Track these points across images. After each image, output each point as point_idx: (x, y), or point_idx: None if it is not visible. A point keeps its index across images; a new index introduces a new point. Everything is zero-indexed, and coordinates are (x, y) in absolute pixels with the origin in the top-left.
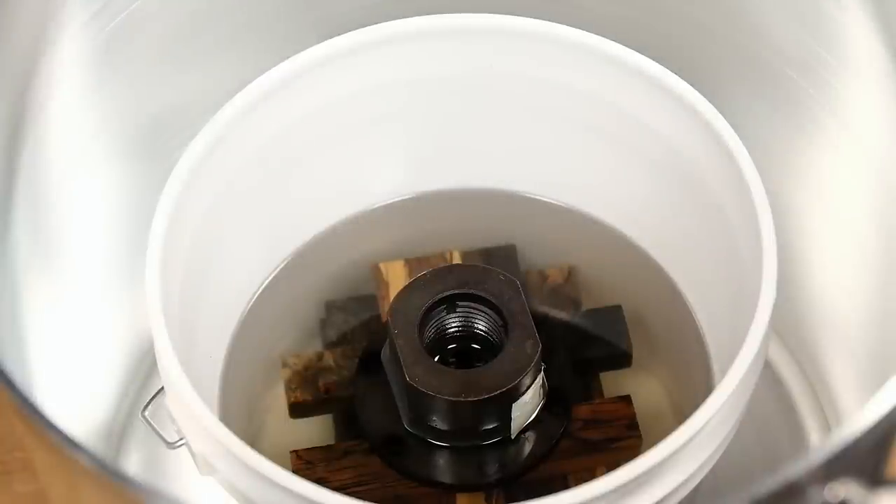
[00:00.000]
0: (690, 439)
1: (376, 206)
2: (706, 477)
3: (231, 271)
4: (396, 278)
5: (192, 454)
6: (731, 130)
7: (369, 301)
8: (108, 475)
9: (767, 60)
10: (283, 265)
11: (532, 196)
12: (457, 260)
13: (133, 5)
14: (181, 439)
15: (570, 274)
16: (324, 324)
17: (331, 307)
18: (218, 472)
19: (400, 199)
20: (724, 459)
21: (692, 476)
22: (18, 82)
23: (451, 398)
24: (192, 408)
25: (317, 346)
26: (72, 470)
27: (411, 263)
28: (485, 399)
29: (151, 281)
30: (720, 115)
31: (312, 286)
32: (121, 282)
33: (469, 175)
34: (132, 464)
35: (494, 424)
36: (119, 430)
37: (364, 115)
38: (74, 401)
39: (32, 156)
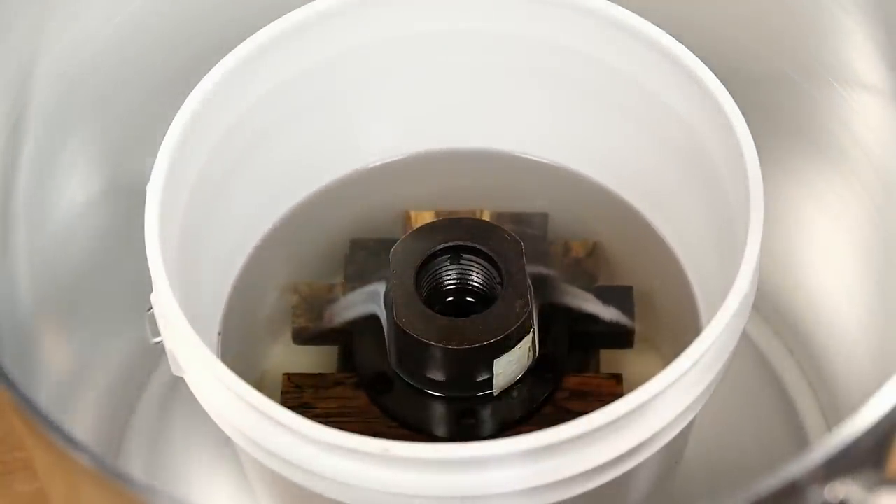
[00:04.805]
0: (678, 379)
1: (408, 155)
2: (705, 476)
3: (254, 190)
4: None
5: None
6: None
7: (393, 244)
8: (108, 475)
9: (767, 61)
10: (310, 198)
11: (567, 168)
12: (487, 219)
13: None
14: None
15: (594, 250)
16: (347, 260)
17: (355, 245)
18: (186, 374)
19: (435, 149)
20: (724, 459)
21: (677, 419)
22: (18, 80)
23: (432, 343)
24: (164, 300)
25: (338, 281)
26: (72, 470)
27: (441, 215)
28: (466, 349)
29: (155, 182)
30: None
31: (341, 223)
32: (121, 280)
33: (502, 138)
34: (133, 464)
35: (476, 378)
36: (120, 429)
37: (376, 67)
38: (74, 400)
39: (32, 155)
